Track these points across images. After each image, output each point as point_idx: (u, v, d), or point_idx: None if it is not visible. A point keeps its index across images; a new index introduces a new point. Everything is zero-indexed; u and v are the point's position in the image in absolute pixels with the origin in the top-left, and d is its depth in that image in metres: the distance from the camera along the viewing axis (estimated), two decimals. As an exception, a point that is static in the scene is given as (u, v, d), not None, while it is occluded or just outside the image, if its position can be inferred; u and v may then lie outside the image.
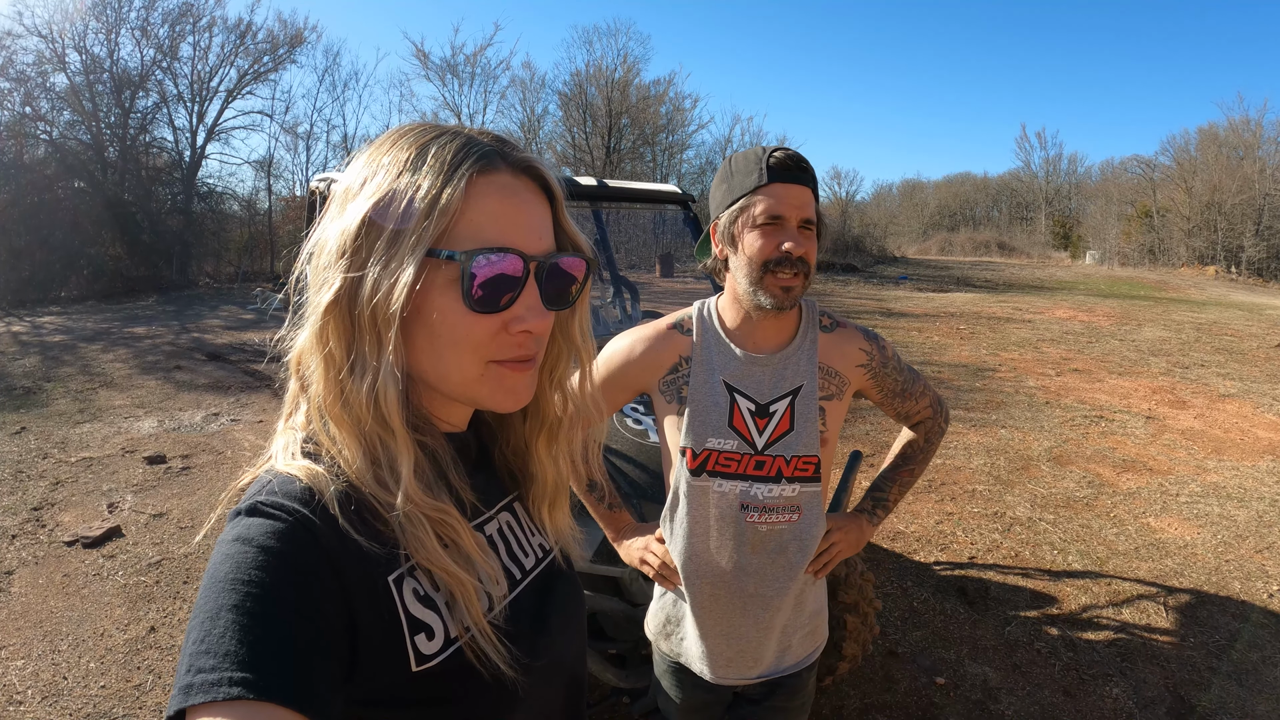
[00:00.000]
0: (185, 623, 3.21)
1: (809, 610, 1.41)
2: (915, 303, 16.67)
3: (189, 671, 0.49)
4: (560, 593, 0.80)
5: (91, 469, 5.05)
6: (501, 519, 0.77)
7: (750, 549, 1.31)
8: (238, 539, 0.56)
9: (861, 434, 5.99)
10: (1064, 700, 2.76)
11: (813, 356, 1.33)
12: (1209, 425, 6.53)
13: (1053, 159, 53.19)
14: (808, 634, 1.41)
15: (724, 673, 1.37)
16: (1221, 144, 35.40)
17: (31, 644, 3.03)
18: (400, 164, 0.62)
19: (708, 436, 1.31)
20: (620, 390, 1.40)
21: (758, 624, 1.34)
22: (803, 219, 1.23)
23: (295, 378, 0.67)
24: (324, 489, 0.59)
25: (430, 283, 0.62)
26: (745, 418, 1.30)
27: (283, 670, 0.50)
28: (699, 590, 1.35)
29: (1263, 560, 3.94)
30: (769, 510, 1.30)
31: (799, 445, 1.29)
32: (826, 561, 1.39)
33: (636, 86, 31.27)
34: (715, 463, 1.30)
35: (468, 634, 0.64)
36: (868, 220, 45.59)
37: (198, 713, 0.48)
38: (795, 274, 1.23)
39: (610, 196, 3.14)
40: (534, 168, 0.68)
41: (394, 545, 0.62)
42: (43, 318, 12.43)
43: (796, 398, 1.30)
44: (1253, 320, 14.28)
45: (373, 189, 0.62)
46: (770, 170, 1.22)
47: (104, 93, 18.83)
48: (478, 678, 0.64)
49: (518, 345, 0.65)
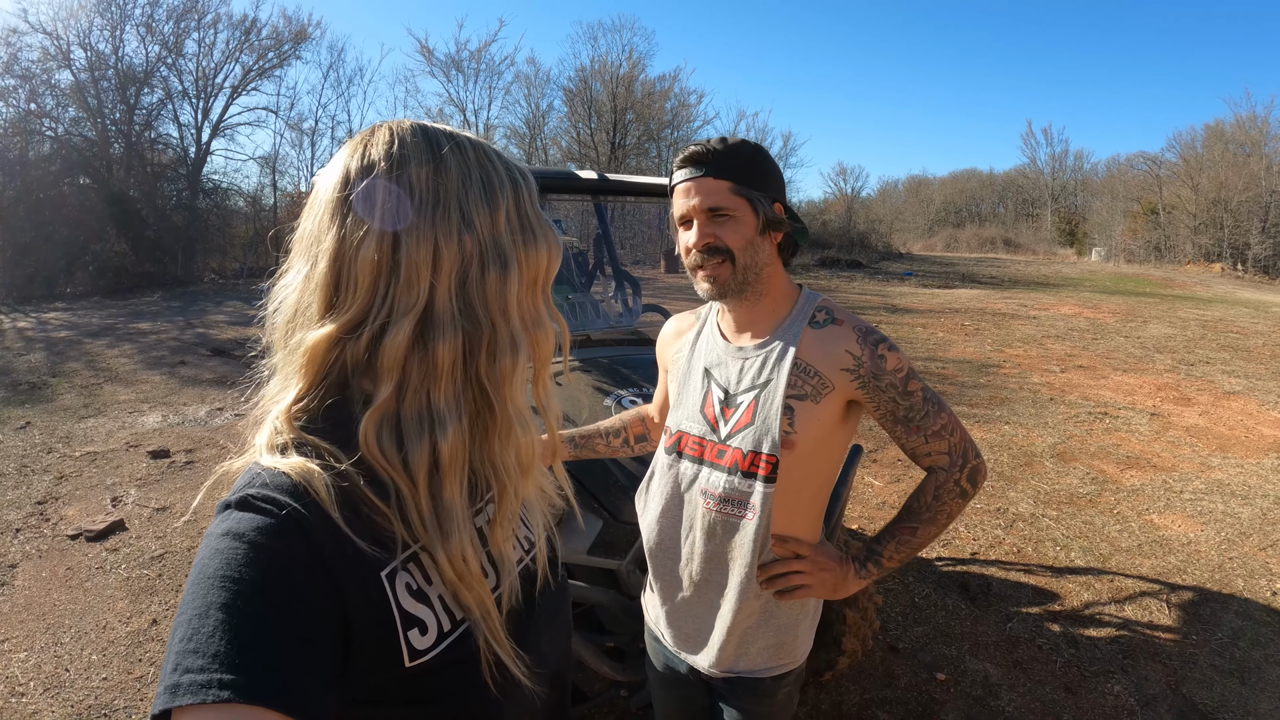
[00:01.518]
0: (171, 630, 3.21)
1: (777, 625, 1.33)
2: (920, 299, 16.62)
3: (175, 670, 0.48)
4: (545, 590, 0.79)
5: (95, 463, 5.06)
6: (489, 510, 0.76)
7: (703, 533, 1.31)
8: (227, 533, 0.55)
9: (863, 429, 5.96)
10: (1065, 697, 2.75)
11: (788, 351, 1.27)
12: (1214, 422, 6.50)
13: (1059, 155, 53.12)
14: (772, 647, 1.34)
15: (680, 645, 1.40)
16: (1228, 140, 35.17)
17: (34, 636, 3.04)
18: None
19: (683, 419, 1.36)
20: (664, 370, 1.52)
21: (709, 606, 1.33)
22: (707, 208, 1.23)
23: (281, 348, 0.66)
24: (314, 484, 0.58)
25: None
26: (715, 405, 1.32)
27: (272, 672, 0.50)
28: (659, 563, 1.39)
29: (1266, 557, 3.92)
30: (723, 501, 1.28)
31: (755, 440, 1.25)
32: (779, 579, 1.29)
33: (641, 82, 31.23)
34: (685, 445, 1.34)
35: (483, 641, 0.64)
36: (873, 216, 45.39)
37: (185, 714, 0.47)
38: (716, 262, 1.25)
39: (608, 190, 3.14)
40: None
41: (391, 537, 0.61)
42: (48, 313, 12.47)
43: (762, 391, 1.27)
44: (1258, 317, 14.21)
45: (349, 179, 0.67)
46: (674, 173, 1.27)
47: (109, 89, 18.89)
48: (470, 671, 0.63)
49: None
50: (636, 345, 3.18)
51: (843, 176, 49.77)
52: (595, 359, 2.79)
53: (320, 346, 0.63)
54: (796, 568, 1.29)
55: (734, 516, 1.28)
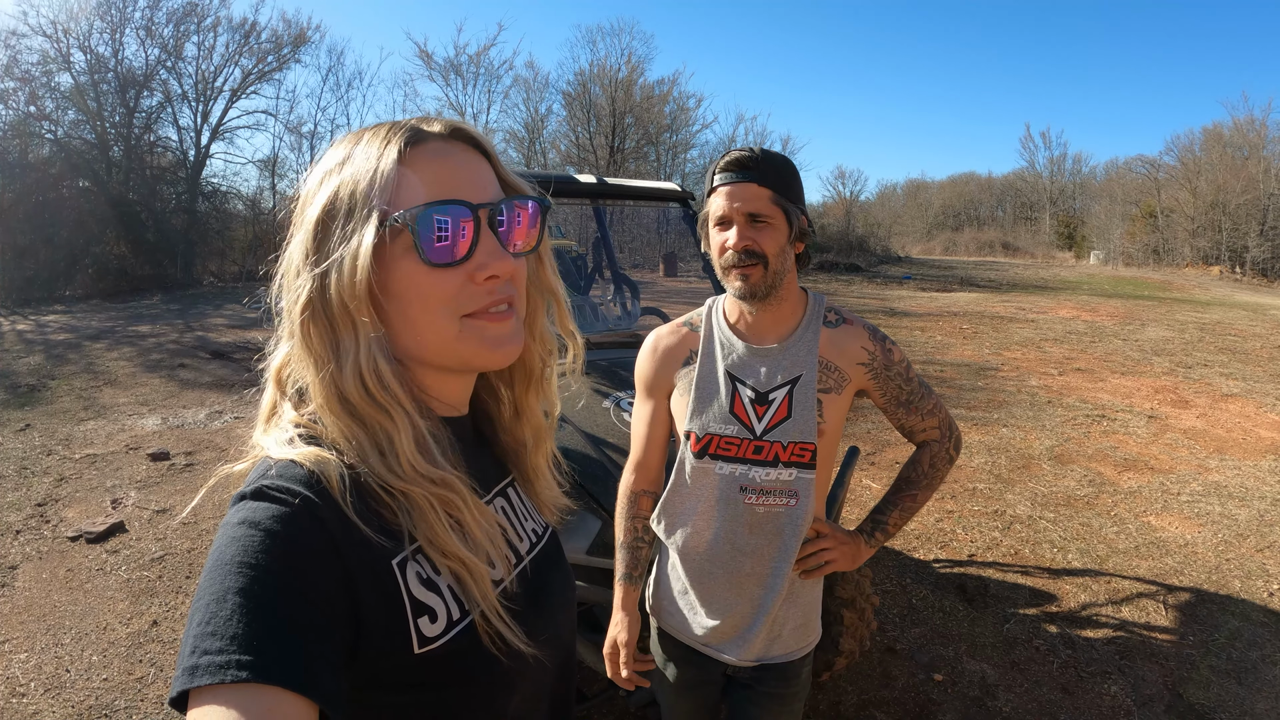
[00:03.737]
0: (187, 617, 3.22)
1: (802, 604, 1.44)
2: (919, 302, 16.65)
3: (194, 653, 0.50)
4: (554, 576, 0.81)
5: (95, 465, 5.07)
6: (497, 503, 0.78)
7: (747, 529, 1.38)
8: (243, 522, 0.56)
9: (863, 431, 5.99)
10: (1062, 697, 2.76)
11: (813, 349, 1.38)
12: (1211, 424, 6.52)
13: (1057, 159, 53.16)
14: (799, 627, 1.45)
15: (716, 646, 1.43)
16: (1226, 144, 35.26)
17: (35, 637, 3.05)
18: (338, 164, 0.66)
19: (710, 422, 1.38)
20: (656, 388, 1.49)
21: (751, 601, 1.40)
22: (748, 213, 1.30)
23: (274, 386, 0.69)
24: (328, 473, 0.60)
25: (390, 256, 0.64)
26: (746, 405, 1.37)
27: (287, 654, 0.51)
28: (697, 566, 1.42)
29: (1263, 559, 3.93)
30: (766, 493, 1.36)
31: (795, 431, 1.35)
32: (815, 565, 1.41)
33: (641, 86, 31.25)
34: (717, 446, 1.38)
35: (479, 614, 0.65)
36: (872, 220, 45.49)
37: (202, 694, 0.48)
38: (750, 264, 1.31)
39: (609, 194, 3.15)
40: (461, 129, 0.69)
41: (398, 529, 0.62)
42: (47, 316, 12.47)
43: (795, 386, 1.36)
44: (1257, 320, 14.24)
45: (320, 195, 0.65)
46: (717, 175, 1.34)
47: (109, 92, 18.87)
48: (479, 660, 0.65)
49: (487, 293, 0.66)
50: (635, 348, 3.18)
51: (842, 180, 50.07)
52: (594, 362, 2.80)
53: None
54: (824, 545, 1.41)
55: (779, 506, 1.37)
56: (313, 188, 0.67)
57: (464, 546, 0.64)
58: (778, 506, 1.37)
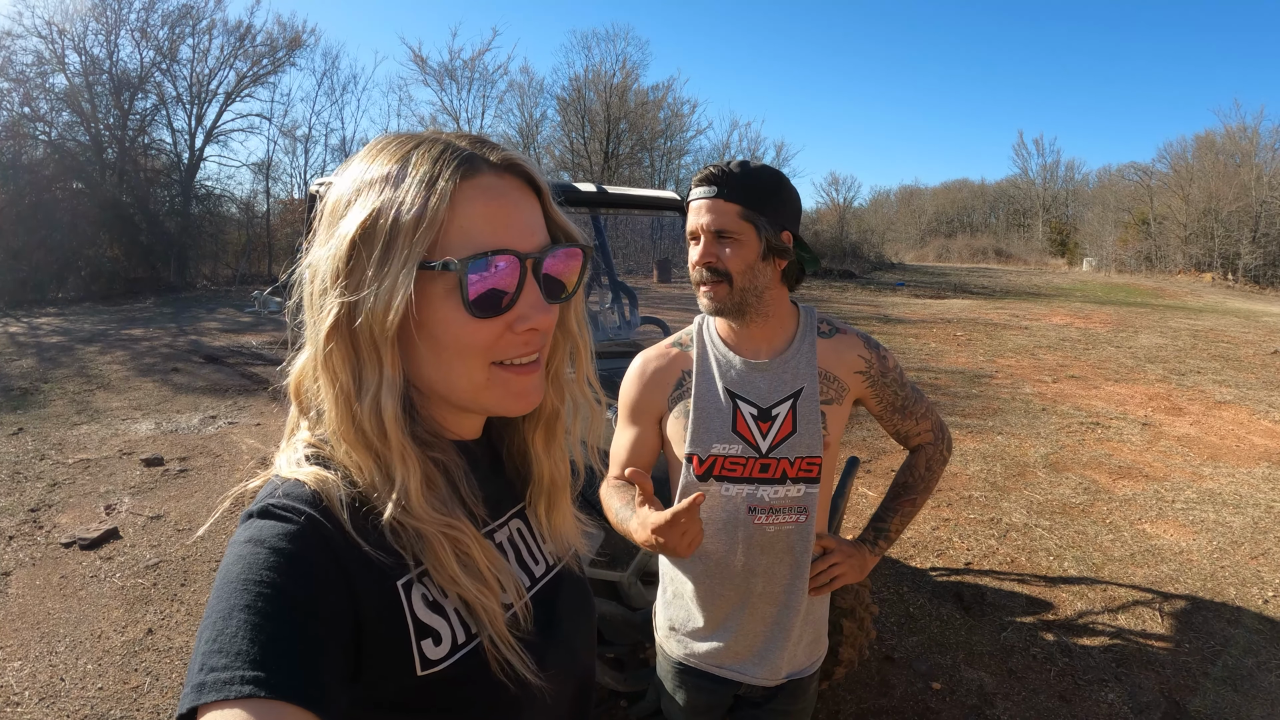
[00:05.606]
0: (183, 625, 3.21)
1: (815, 619, 1.44)
2: (912, 309, 16.70)
3: (202, 670, 0.50)
4: (570, 600, 0.80)
5: (89, 470, 5.04)
6: (512, 526, 0.77)
7: (759, 550, 1.34)
8: (250, 540, 0.57)
9: (859, 440, 6.00)
10: (1059, 705, 2.77)
11: (812, 361, 1.36)
12: (1205, 431, 6.55)
13: (1050, 165, 53.51)
14: (813, 642, 1.44)
15: (735, 667, 1.40)
16: (1218, 151, 35.54)
17: (29, 645, 3.03)
18: (382, 180, 0.62)
19: (712, 443, 1.34)
20: (644, 413, 1.42)
21: (764, 620, 1.37)
22: (715, 230, 1.28)
23: (295, 401, 0.68)
24: (332, 494, 0.60)
25: (429, 294, 0.62)
26: (748, 422, 1.34)
27: (293, 669, 0.51)
28: (708, 590, 1.38)
29: (1258, 566, 3.95)
30: (775, 511, 1.34)
31: (802, 446, 1.32)
32: (825, 582, 1.40)
33: (635, 91, 31.38)
34: (721, 467, 1.33)
35: (488, 640, 0.64)
36: (865, 227, 45.61)
37: (210, 710, 0.48)
38: (715, 281, 1.29)
39: (608, 203, 3.16)
40: (516, 164, 0.66)
41: (405, 552, 0.62)
42: (40, 319, 12.41)
43: (798, 400, 1.34)
44: (1249, 327, 14.33)
45: (358, 209, 0.61)
46: (692, 190, 1.33)
47: (103, 94, 18.86)
48: (484, 684, 0.64)
49: (524, 344, 0.66)
50: (634, 357, 3.18)
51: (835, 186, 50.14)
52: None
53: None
54: (834, 560, 1.40)
55: (789, 524, 1.34)
56: (348, 194, 0.63)
57: (471, 578, 0.64)
58: (787, 524, 1.34)
